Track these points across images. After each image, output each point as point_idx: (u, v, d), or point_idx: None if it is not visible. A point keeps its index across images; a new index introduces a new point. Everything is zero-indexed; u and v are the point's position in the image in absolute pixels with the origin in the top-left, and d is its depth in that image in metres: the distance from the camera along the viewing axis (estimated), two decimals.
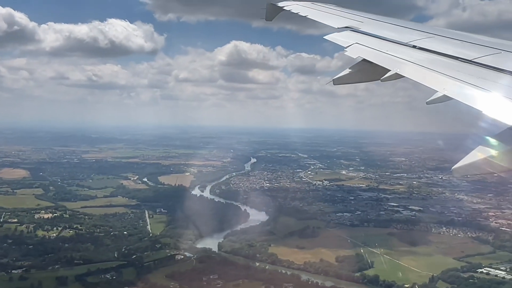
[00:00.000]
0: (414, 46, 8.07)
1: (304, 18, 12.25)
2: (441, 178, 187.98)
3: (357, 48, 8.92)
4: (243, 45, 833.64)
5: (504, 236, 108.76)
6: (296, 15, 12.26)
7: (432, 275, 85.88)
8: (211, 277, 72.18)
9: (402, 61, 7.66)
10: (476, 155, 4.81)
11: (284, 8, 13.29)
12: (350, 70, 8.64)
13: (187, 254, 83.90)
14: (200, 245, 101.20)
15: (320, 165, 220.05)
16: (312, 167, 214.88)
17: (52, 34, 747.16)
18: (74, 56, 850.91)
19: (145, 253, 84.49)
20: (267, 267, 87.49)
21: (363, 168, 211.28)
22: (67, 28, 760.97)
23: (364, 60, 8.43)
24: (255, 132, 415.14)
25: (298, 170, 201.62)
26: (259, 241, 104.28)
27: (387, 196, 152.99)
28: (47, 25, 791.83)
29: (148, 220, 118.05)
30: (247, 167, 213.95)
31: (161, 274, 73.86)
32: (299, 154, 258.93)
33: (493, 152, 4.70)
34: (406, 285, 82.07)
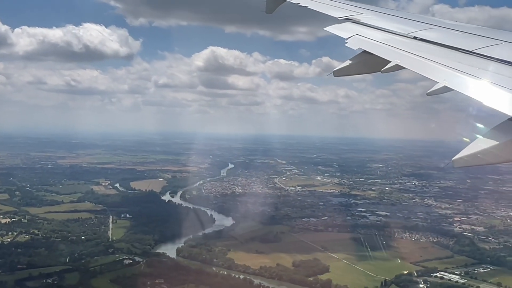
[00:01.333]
0: (414, 37, 8.05)
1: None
2: (414, 184, 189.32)
3: (358, 39, 8.89)
4: (220, 51, 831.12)
5: (464, 241, 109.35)
6: (297, 6, 12.28)
7: (385, 279, 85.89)
8: (156, 281, 71.40)
9: (402, 52, 7.64)
10: (476, 146, 4.78)
11: None
12: (351, 61, 8.60)
13: (137, 258, 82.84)
14: (159, 250, 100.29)
15: (297, 171, 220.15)
16: (288, 173, 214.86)
17: (25, 38, 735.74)
18: (49, 60, 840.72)
19: (95, 257, 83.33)
20: (220, 272, 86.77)
21: (338, 174, 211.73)
22: (40, 32, 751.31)
23: (364, 51, 8.38)
24: (238, 138, 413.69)
25: (273, 176, 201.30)
26: (219, 246, 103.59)
27: (357, 201, 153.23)
28: (21, 29, 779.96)
29: (110, 225, 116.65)
30: (223, 172, 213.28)
31: (105, 278, 72.81)
32: (278, 160, 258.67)
33: (493, 143, 4.67)
34: None
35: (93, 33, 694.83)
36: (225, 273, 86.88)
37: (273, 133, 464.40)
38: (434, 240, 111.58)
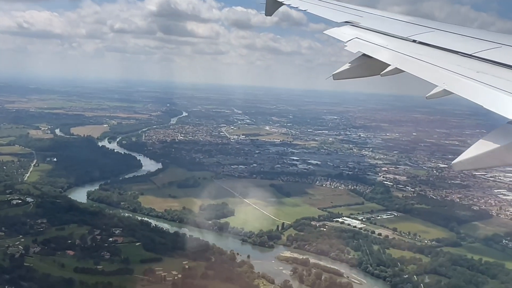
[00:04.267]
0: (414, 41, 8.02)
1: None
2: (359, 135, 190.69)
3: (357, 42, 8.87)
4: None
5: (379, 189, 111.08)
6: (296, 9, 12.44)
7: (283, 223, 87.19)
8: (38, 221, 70.93)
9: (402, 55, 7.62)
10: (476, 149, 4.69)
11: (284, 2, 13.35)
12: (350, 65, 8.56)
13: (29, 200, 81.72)
14: (72, 192, 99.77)
15: (248, 121, 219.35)
16: (239, 122, 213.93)
17: None
18: None
19: None
20: (121, 214, 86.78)
21: (289, 124, 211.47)
22: None
23: (364, 54, 8.34)
24: (204, 88, 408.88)
25: (222, 125, 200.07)
26: (134, 190, 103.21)
27: (294, 150, 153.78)
28: None
29: (31, 168, 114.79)
30: (173, 120, 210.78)
31: None
32: (235, 110, 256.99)
33: (494, 146, 4.59)
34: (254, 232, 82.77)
35: None
36: (126, 215, 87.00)
37: (241, 84, 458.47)
38: (352, 188, 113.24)
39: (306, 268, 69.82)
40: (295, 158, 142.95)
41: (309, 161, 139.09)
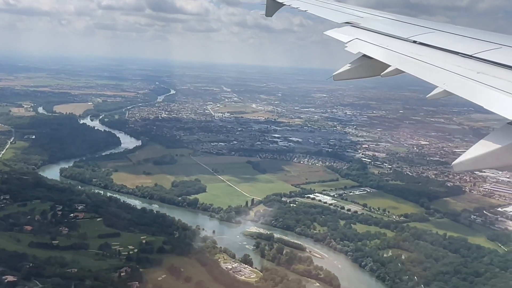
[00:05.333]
0: (414, 41, 8.05)
1: None
2: (345, 113, 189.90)
3: (357, 43, 8.87)
4: None
5: (356, 166, 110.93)
6: (296, 10, 12.60)
7: (252, 199, 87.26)
8: (0, 197, 70.78)
9: (402, 56, 7.62)
10: (476, 149, 4.71)
11: (284, 3, 13.50)
12: (350, 65, 8.55)
13: None
14: (46, 169, 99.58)
15: (236, 99, 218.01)
16: (226, 100, 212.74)
17: None
18: None
19: None
20: (92, 191, 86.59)
21: (277, 102, 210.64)
22: None
23: (364, 55, 8.31)
24: (196, 66, 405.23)
25: (209, 103, 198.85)
26: (109, 166, 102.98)
27: (277, 128, 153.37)
28: None
29: (7, 146, 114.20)
30: (160, 98, 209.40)
31: None
32: (224, 88, 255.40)
33: (494, 147, 4.61)
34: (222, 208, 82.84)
35: None
36: (96, 191, 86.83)
37: (233, 62, 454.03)
38: (329, 165, 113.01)
39: (268, 243, 70.13)
40: (277, 135, 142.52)
41: (291, 138, 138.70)
